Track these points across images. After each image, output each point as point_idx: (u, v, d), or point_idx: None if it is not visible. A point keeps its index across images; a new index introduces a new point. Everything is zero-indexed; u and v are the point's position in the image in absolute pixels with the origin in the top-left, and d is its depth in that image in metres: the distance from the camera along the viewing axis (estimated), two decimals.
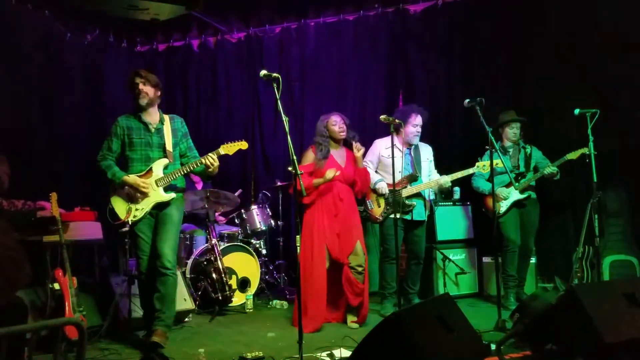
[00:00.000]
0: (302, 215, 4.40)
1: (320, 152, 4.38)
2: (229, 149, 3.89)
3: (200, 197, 5.34)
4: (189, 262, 5.31)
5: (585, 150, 4.57)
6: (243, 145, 3.94)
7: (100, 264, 5.32)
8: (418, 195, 4.79)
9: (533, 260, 5.26)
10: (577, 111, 4.51)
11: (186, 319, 4.66)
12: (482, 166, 4.66)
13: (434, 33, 6.10)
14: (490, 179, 4.49)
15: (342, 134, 4.42)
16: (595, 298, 3.08)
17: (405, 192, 4.71)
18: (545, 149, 5.15)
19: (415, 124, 4.78)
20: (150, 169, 3.87)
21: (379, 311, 4.74)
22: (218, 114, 6.98)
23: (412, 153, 4.86)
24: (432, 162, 4.99)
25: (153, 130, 3.96)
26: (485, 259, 5.49)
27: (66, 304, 3.76)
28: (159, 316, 3.78)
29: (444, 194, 5.48)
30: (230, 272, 5.20)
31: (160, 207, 3.89)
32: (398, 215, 4.53)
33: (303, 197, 4.09)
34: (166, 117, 4.07)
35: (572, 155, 4.74)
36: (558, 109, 5.20)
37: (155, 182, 3.85)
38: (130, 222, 3.85)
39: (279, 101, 3.39)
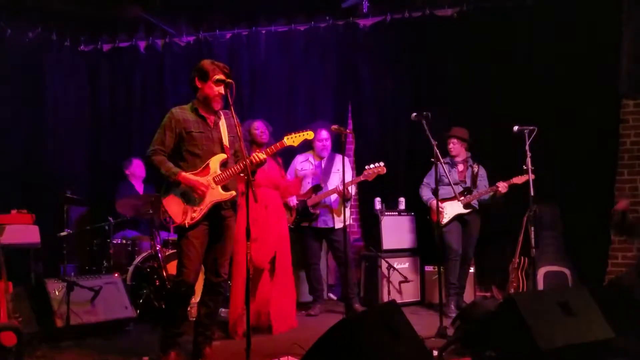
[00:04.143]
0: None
1: None
2: (294, 139, 3.63)
3: (144, 202, 5.22)
4: (130, 268, 5.17)
5: (528, 178, 4.68)
6: (309, 135, 3.69)
7: (35, 269, 5.12)
8: (322, 204, 5.13)
9: (471, 269, 5.45)
10: (515, 128, 4.69)
11: (127, 328, 4.55)
12: (367, 173, 5.00)
13: (383, 47, 6.25)
14: (435, 190, 4.65)
15: (262, 137, 4.57)
16: (531, 306, 3.23)
17: (310, 202, 5.09)
18: (489, 164, 5.38)
19: (320, 139, 5.17)
20: (207, 165, 3.49)
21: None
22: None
23: (323, 165, 5.23)
24: (347, 172, 5.12)
25: (212, 125, 3.57)
26: (428, 268, 5.64)
27: (1, 309, 3.59)
28: (205, 333, 3.60)
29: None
30: None
31: (219, 211, 3.52)
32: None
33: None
34: (220, 112, 3.64)
35: (518, 180, 4.92)
36: (500, 124, 5.40)
37: (213, 179, 3.46)
38: (187, 225, 3.43)
39: (232, 107, 3.40)
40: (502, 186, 5.00)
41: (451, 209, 5.17)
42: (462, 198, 5.11)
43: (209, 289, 3.63)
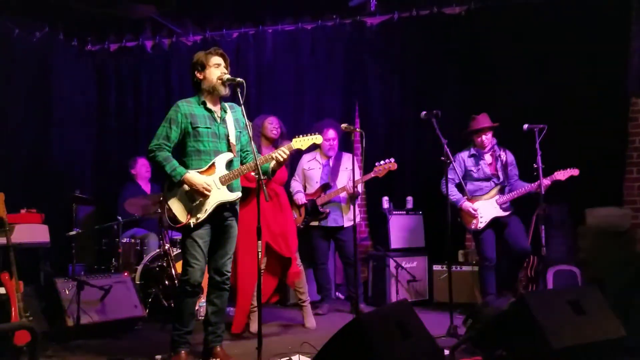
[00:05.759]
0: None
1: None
2: (302, 143, 3.53)
3: (152, 201, 5.22)
4: (139, 268, 5.18)
5: (572, 173, 4.65)
6: (317, 139, 3.57)
7: (44, 268, 5.14)
8: (332, 202, 5.15)
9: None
10: (525, 126, 4.67)
11: (136, 327, 4.56)
12: (377, 170, 4.96)
13: (390, 46, 6.24)
14: (460, 187, 4.69)
15: (273, 132, 4.51)
16: (543, 305, 3.21)
17: (320, 201, 5.12)
18: None
19: (328, 138, 5.15)
20: (213, 164, 3.43)
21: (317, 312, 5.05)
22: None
23: (331, 163, 5.24)
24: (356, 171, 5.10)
25: (219, 120, 3.50)
26: (436, 267, 5.62)
27: (12, 309, 3.60)
28: (215, 332, 3.60)
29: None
30: None
31: (222, 211, 3.49)
32: (317, 223, 5.14)
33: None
34: (226, 105, 3.59)
35: (561, 176, 4.67)
36: (508, 123, 5.38)
37: (219, 179, 3.42)
38: (192, 226, 3.40)
39: (242, 106, 3.40)
40: (545, 184, 4.62)
41: (486, 212, 4.85)
42: (498, 197, 4.85)
43: (214, 287, 3.63)
